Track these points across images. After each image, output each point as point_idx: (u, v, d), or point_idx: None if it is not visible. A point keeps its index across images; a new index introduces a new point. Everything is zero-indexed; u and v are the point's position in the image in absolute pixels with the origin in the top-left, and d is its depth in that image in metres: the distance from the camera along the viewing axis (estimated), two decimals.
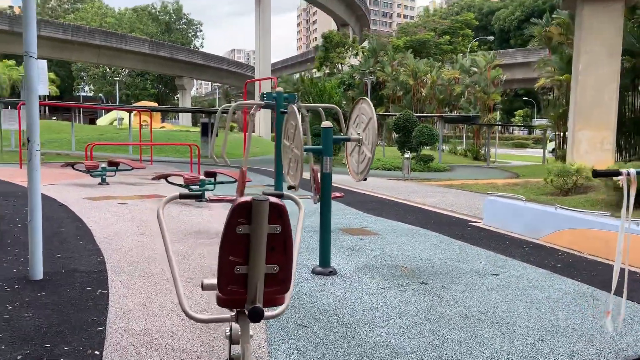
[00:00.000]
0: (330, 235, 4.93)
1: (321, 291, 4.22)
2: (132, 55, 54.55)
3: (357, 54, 50.32)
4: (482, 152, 31.21)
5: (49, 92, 65.48)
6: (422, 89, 36.02)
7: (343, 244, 6.19)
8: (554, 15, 22.61)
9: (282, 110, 4.76)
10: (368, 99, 4.61)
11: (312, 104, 6.88)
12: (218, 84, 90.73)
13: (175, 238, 6.15)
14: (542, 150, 30.90)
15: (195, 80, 79.87)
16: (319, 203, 7.32)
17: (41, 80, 5.35)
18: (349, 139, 4.77)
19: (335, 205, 9.30)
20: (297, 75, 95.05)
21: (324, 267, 4.81)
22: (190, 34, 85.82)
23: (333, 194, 6.41)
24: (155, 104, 55.47)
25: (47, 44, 47.41)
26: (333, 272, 4.74)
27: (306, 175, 6.52)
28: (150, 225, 6.96)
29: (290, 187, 4.62)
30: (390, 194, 11.81)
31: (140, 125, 20.13)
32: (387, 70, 37.70)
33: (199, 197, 2.99)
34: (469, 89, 33.18)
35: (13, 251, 5.20)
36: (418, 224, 7.78)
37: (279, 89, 6.63)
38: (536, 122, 45.28)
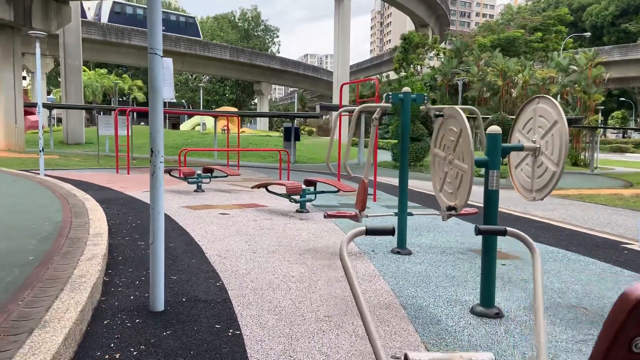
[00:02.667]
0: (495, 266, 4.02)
1: (498, 343, 3.33)
2: (214, 62, 56.05)
3: (438, 55, 48.60)
4: (582, 157, 28.72)
5: (138, 99, 68.77)
6: (512, 90, 33.91)
7: None
8: None
9: (437, 113, 3.93)
10: (551, 97, 3.65)
11: (443, 106, 5.97)
12: (294, 89, 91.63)
13: (292, 258, 5.49)
14: None
15: (272, 85, 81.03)
16: (462, 225, 6.44)
17: (166, 82, 4.86)
18: (521, 148, 3.83)
19: (450, 221, 8.35)
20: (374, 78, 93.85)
21: (487, 307, 3.91)
22: (267, 40, 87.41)
23: (466, 210, 5.51)
24: (235, 109, 56.62)
25: (136, 53, 49.67)
26: (500, 315, 3.84)
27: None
28: (259, 240, 6.38)
29: (450, 209, 3.77)
30: (503, 205, 10.63)
31: (228, 130, 20.06)
32: (472, 71, 35.87)
33: (391, 234, 2.24)
34: (567, 89, 30.70)
35: (126, 271, 4.73)
36: (559, 244, 6.67)
37: (406, 89, 5.81)
38: None
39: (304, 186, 8.85)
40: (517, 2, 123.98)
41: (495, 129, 3.67)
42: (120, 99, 67.39)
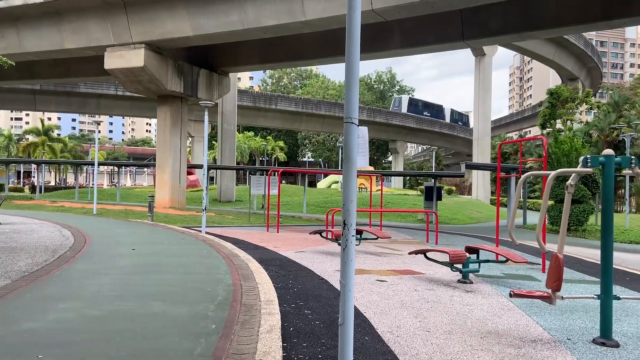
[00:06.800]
0: None
1: None
2: None
3: (591, 109, 44.82)
4: None
5: (280, 159, 73.18)
6: None
7: None
8: None
9: None
10: None
11: None
12: (429, 146, 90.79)
13: (474, 342, 4.85)
14: None
15: (406, 143, 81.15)
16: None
17: (361, 151, 4.79)
18: None
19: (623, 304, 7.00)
20: (512, 135, 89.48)
21: None
22: None
23: None
24: (372, 168, 57.26)
25: (282, 116, 53.23)
26: None
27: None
28: (428, 316, 5.84)
29: None
30: None
31: (371, 190, 20.03)
32: (637, 127, 32.24)
33: None
34: None
35: (300, 345, 4.51)
36: None
37: (609, 151, 5.05)
38: None
39: (467, 254, 8.17)
40: None
41: None
42: (265, 159, 72.25)
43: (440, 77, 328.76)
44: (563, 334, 5.30)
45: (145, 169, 75.01)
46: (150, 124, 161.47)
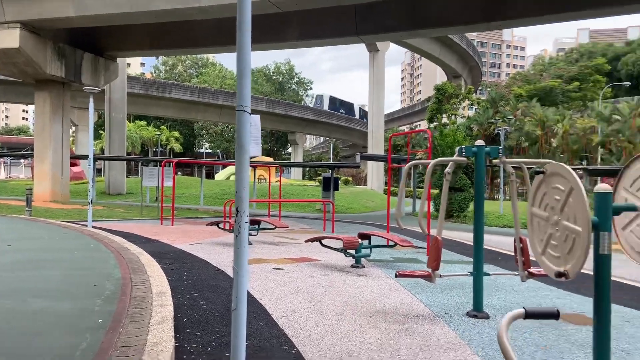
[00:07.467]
0: None
1: None
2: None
3: (472, 105, 48.57)
4: None
5: (176, 149, 70.45)
6: (551, 139, 33.31)
7: (575, 338, 4.78)
8: None
9: (538, 170, 3.63)
10: None
11: (518, 159, 5.72)
12: (326, 138, 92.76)
13: (363, 321, 5.14)
14: None
15: (305, 135, 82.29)
16: (527, 282, 5.94)
17: (254, 140, 4.79)
18: (635, 208, 3.46)
19: (515, 278, 7.84)
20: (404, 128, 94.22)
21: None
22: (301, 92, 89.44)
23: (539, 270, 5.09)
24: (271, 159, 57.35)
25: (177, 105, 51.33)
26: None
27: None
28: (322, 299, 6.06)
29: (560, 275, 3.41)
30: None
31: (270, 181, 20.06)
32: (511, 121, 35.56)
33: (556, 317, 2.05)
34: (609, 139, 29.95)
35: (194, 335, 4.48)
36: None
37: (480, 142, 5.57)
38: None
39: (360, 240, 8.55)
40: (547, 54, 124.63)
41: (604, 187, 3.36)
42: (159, 150, 69.31)
43: (338, 70, 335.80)
44: (442, 309, 5.78)
45: (22, 160, 68.52)
46: (27, 111, 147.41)
